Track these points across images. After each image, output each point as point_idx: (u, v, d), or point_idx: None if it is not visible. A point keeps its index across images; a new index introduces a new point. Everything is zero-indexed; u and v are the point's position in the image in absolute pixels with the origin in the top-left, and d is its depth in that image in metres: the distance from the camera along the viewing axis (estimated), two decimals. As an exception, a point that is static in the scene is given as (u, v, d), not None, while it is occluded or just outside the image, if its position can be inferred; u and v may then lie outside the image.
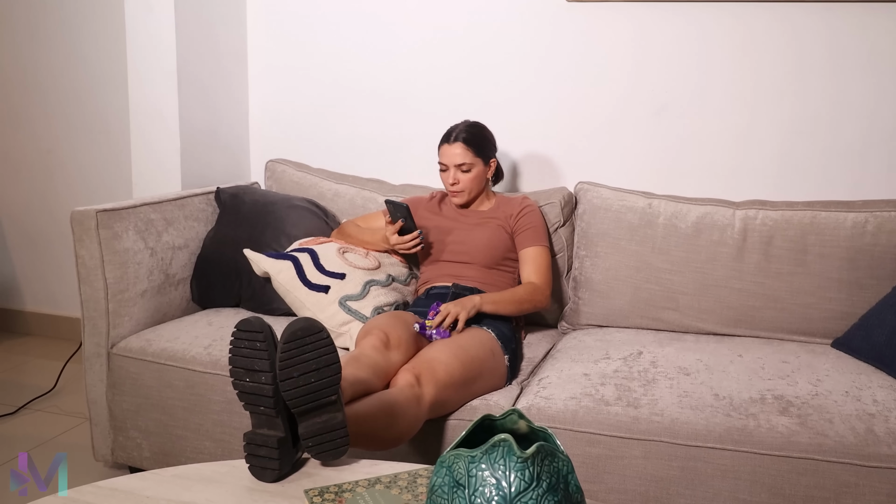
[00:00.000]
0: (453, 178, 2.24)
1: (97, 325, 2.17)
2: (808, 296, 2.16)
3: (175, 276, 2.35)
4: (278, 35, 2.88)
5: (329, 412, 1.36)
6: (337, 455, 1.36)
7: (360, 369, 1.67)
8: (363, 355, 1.74)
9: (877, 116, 2.32)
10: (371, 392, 1.65)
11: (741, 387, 1.82)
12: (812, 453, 1.63)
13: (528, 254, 2.23)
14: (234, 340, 1.36)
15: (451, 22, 2.66)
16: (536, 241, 2.24)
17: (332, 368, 1.35)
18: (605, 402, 1.78)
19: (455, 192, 2.27)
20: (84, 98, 3.18)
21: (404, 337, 1.88)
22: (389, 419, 1.61)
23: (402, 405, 1.66)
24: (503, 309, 2.10)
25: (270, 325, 1.38)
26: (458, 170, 2.24)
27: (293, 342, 1.33)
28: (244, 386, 1.36)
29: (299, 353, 1.33)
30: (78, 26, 3.14)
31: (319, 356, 1.34)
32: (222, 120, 2.81)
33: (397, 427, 1.63)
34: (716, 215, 2.26)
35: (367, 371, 1.68)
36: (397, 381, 1.74)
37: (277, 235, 2.39)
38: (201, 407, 2.06)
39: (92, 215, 2.13)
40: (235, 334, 1.36)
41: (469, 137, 2.23)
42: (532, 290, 2.17)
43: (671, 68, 2.47)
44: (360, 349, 1.79)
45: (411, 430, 1.68)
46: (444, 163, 2.25)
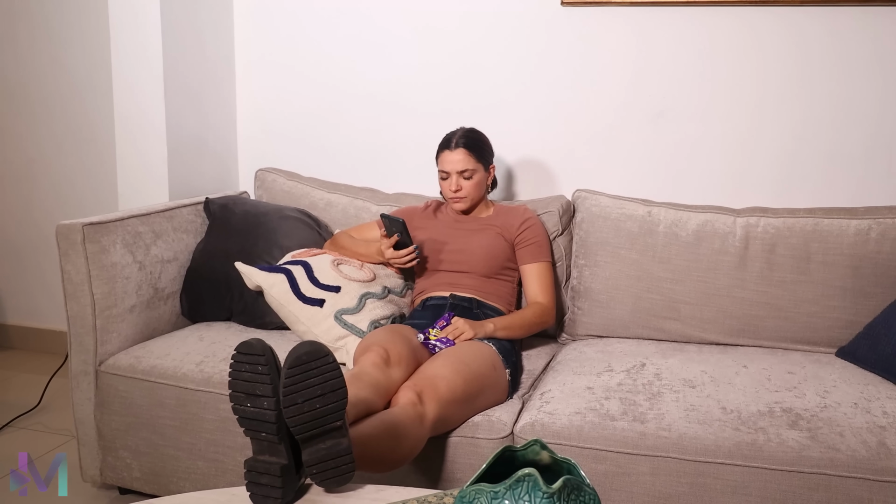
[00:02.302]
0: (456, 185, 2.20)
1: (84, 342, 2.10)
2: (811, 304, 2.13)
3: (164, 290, 2.28)
4: (267, 39, 2.82)
5: (334, 437, 1.31)
6: (343, 482, 1.31)
7: (361, 389, 1.62)
8: (364, 373, 1.69)
9: (882, 121, 2.30)
10: (373, 411, 1.60)
11: (748, 399, 1.79)
12: (824, 468, 1.60)
13: (533, 270, 2.20)
14: (234, 363, 1.31)
15: (444, 24, 2.62)
16: (541, 257, 2.21)
17: (337, 394, 1.30)
18: (610, 417, 1.74)
19: (458, 199, 2.22)
20: (68, 105, 3.11)
21: (404, 353, 1.83)
22: (393, 441, 1.56)
23: (406, 425, 1.61)
24: (515, 334, 2.09)
25: (272, 347, 1.33)
26: (461, 176, 2.19)
27: (298, 367, 1.28)
28: (245, 411, 1.30)
29: (304, 379, 1.28)
30: (61, 31, 3.06)
31: (325, 381, 1.29)
32: (210, 127, 2.75)
33: (401, 448, 1.59)
34: (717, 223, 2.23)
35: (369, 390, 1.63)
36: (399, 400, 1.69)
37: (269, 247, 2.33)
38: (193, 426, 2.00)
39: (78, 229, 2.07)
40: (236, 357, 1.31)
41: (469, 143, 2.19)
42: (541, 311, 2.15)
43: (671, 73, 2.44)
44: (360, 367, 1.74)
45: (415, 449, 1.64)
46: (446, 170, 2.20)
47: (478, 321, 2.03)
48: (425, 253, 2.22)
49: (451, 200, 2.25)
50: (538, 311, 2.15)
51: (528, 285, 2.21)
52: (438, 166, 2.22)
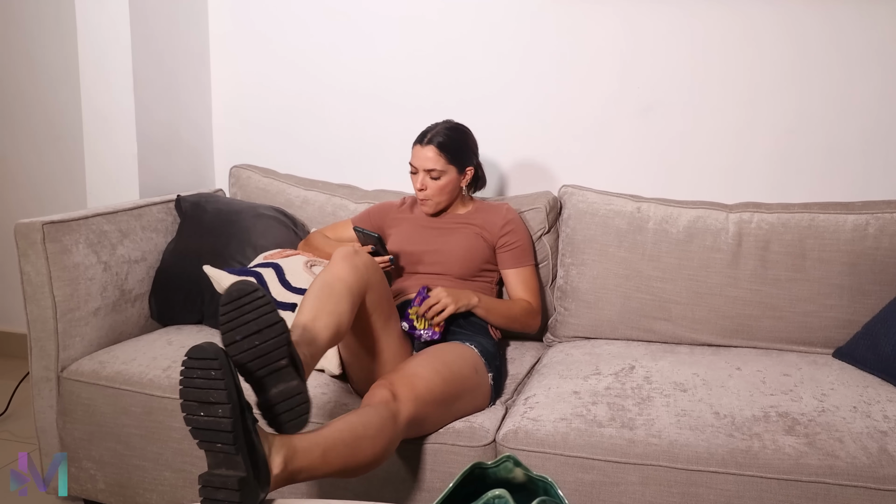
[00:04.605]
0: (421, 184, 2.09)
1: (45, 347, 2.00)
2: (807, 303, 2.05)
3: (132, 291, 2.18)
4: (243, 30, 2.72)
5: (285, 381, 1.30)
6: (299, 425, 1.31)
7: (335, 301, 1.57)
8: (335, 279, 1.62)
9: (880, 113, 2.22)
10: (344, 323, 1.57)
11: (742, 403, 1.70)
12: (823, 476, 1.51)
13: (518, 275, 2.12)
14: (185, 370, 1.21)
15: (428, 15, 2.53)
16: (526, 261, 2.13)
17: (275, 329, 1.29)
18: (598, 424, 1.65)
19: (422, 200, 2.12)
20: (33, 100, 2.99)
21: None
22: (363, 443, 1.45)
23: (376, 426, 1.50)
24: (493, 318, 2.02)
25: (226, 350, 1.23)
26: (428, 175, 2.08)
27: (230, 303, 1.29)
28: (198, 421, 1.20)
29: (238, 315, 1.28)
30: (25, 23, 2.95)
31: (259, 316, 1.29)
32: (183, 122, 2.64)
33: (372, 451, 1.48)
34: (708, 219, 2.15)
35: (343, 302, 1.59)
36: (372, 398, 1.58)
37: (243, 247, 2.23)
38: (160, 435, 1.90)
39: (38, 228, 1.97)
40: (186, 363, 1.21)
41: (445, 142, 2.07)
42: (528, 311, 2.09)
43: (661, 64, 2.35)
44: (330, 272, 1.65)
45: (387, 452, 1.53)
46: (414, 165, 2.09)
47: (462, 291, 1.96)
48: (399, 252, 2.12)
49: (418, 199, 2.15)
50: (527, 309, 2.08)
51: (512, 291, 2.12)
52: (410, 159, 2.12)
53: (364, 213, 2.30)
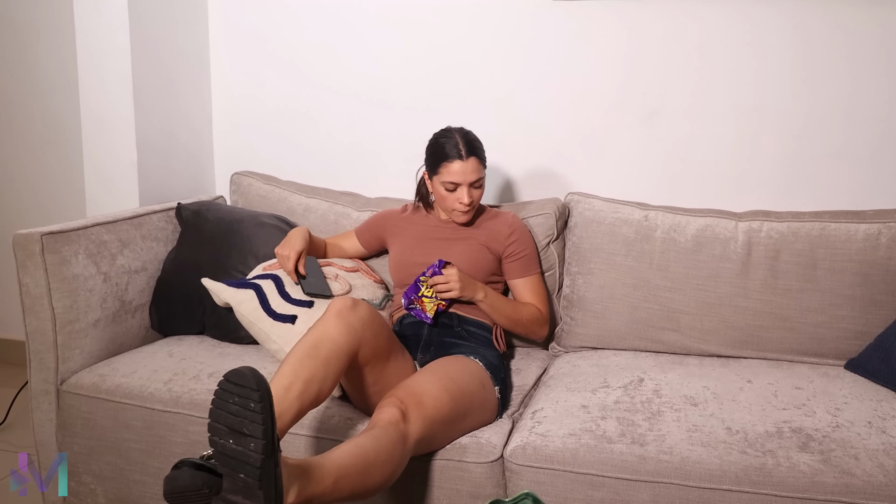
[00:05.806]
0: (468, 197, 1.99)
1: (44, 359, 1.97)
2: (818, 314, 2.02)
3: (132, 302, 2.15)
4: (243, 34, 2.69)
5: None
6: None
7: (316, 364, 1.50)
8: (324, 338, 1.55)
9: (890, 119, 2.18)
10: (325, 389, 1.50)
11: (755, 418, 1.67)
12: (839, 495, 1.48)
13: (527, 284, 2.09)
14: (220, 392, 1.16)
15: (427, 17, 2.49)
16: (533, 269, 2.11)
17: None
18: (607, 440, 1.62)
19: (468, 211, 2.04)
20: (31, 107, 2.96)
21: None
22: (373, 469, 1.43)
23: (387, 449, 1.48)
24: (497, 318, 2.01)
25: (267, 381, 1.19)
26: (472, 187, 2.00)
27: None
28: (226, 447, 1.16)
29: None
30: (23, 28, 2.91)
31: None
32: (183, 128, 2.61)
33: (382, 475, 1.46)
34: (717, 228, 2.11)
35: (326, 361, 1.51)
36: (381, 417, 1.55)
37: (244, 256, 2.20)
38: (161, 449, 1.87)
39: (36, 239, 1.93)
40: (224, 385, 1.16)
41: (478, 147, 2.00)
42: (536, 319, 2.06)
43: (666, 69, 2.32)
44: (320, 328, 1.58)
45: (396, 474, 1.52)
46: (456, 181, 1.97)
47: (473, 282, 1.96)
48: (403, 261, 2.09)
49: (457, 213, 2.04)
50: (536, 316, 2.06)
51: (521, 299, 2.09)
52: (443, 177, 1.99)
53: (365, 224, 2.27)
